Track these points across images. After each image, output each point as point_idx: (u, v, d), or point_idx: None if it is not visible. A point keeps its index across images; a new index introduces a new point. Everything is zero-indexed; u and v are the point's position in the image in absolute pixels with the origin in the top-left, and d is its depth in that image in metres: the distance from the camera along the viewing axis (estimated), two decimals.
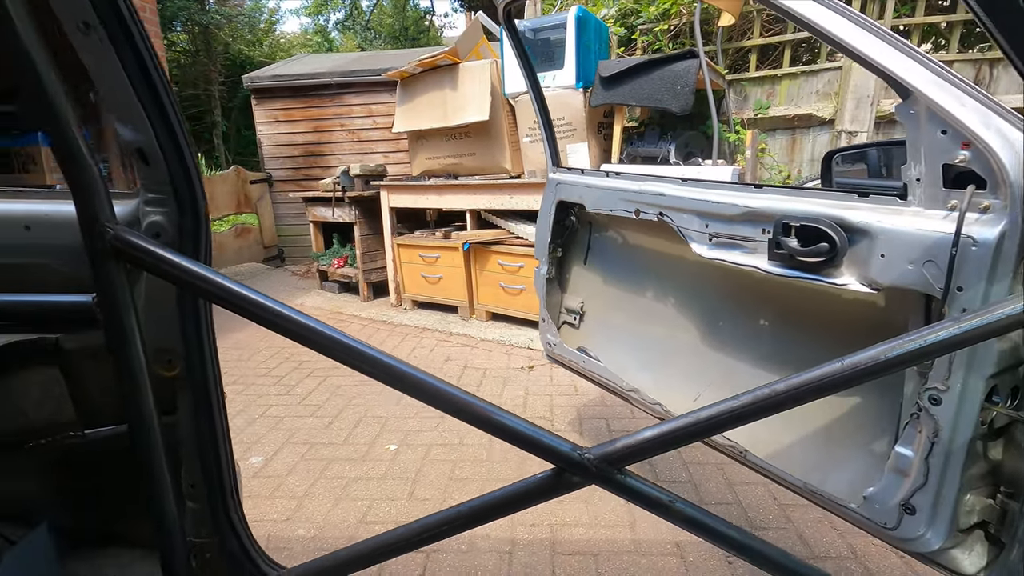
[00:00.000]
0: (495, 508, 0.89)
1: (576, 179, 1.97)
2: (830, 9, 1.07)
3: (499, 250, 4.05)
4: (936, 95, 0.98)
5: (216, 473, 0.99)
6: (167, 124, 0.81)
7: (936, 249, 1.01)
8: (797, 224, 1.22)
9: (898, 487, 1.11)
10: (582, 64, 3.51)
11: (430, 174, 4.54)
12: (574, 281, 2.26)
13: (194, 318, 0.92)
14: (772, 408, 0.81)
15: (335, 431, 2.64)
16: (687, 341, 1.77)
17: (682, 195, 1.54)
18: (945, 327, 0.75)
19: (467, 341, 3.96)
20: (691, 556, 1.75)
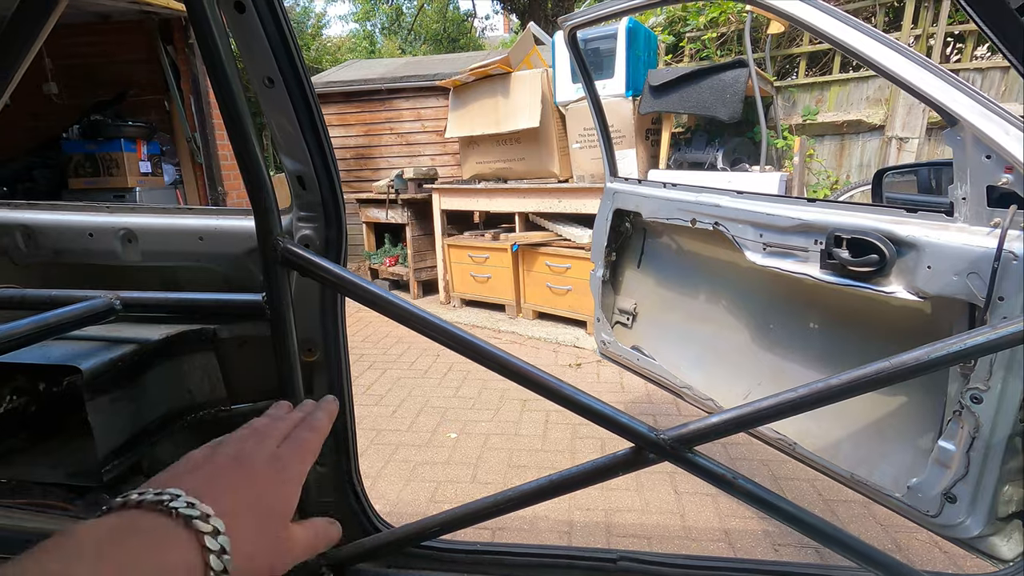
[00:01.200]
0: (584, 478, 1.04)
1: (633, 189, 2.11)
2: (886, 45, 1.19)
3: (547, 251, 4.21)
4: (981, 124, 1.09)
5: (343, 443, 1.18)
6: (323, 158, 1.00)
7: (980, 262, 1.11)
8: (848, 236, 1.33)
9: (940, 478, 1.22)
10: (632, 73, 3.63)
11: (480, 178, 4.73)
12: (627, 284, 2.40)
13: (332, 313, 1.11)
14: (826, 400, 0.94)
15: (399, 419, 2.85)
16: (738, 341, 1.89)
17: (737, 207, 1.66)
18: (984, 332, 0.87)
19: (514, 338, 4.14)
20: (739, 543, 1.87)
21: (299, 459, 0.46)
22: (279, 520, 0.42)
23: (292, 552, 0.43)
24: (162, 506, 0.35)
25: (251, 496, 0.40)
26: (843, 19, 1.26)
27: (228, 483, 0.40)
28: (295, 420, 0.51)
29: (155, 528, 0.34)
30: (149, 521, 0.35)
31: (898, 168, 1.62)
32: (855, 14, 3.72)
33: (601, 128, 2.17)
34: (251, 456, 0.44)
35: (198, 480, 0.40)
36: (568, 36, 2.05)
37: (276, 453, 0.45)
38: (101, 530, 0.34)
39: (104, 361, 0.99)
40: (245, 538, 0.38)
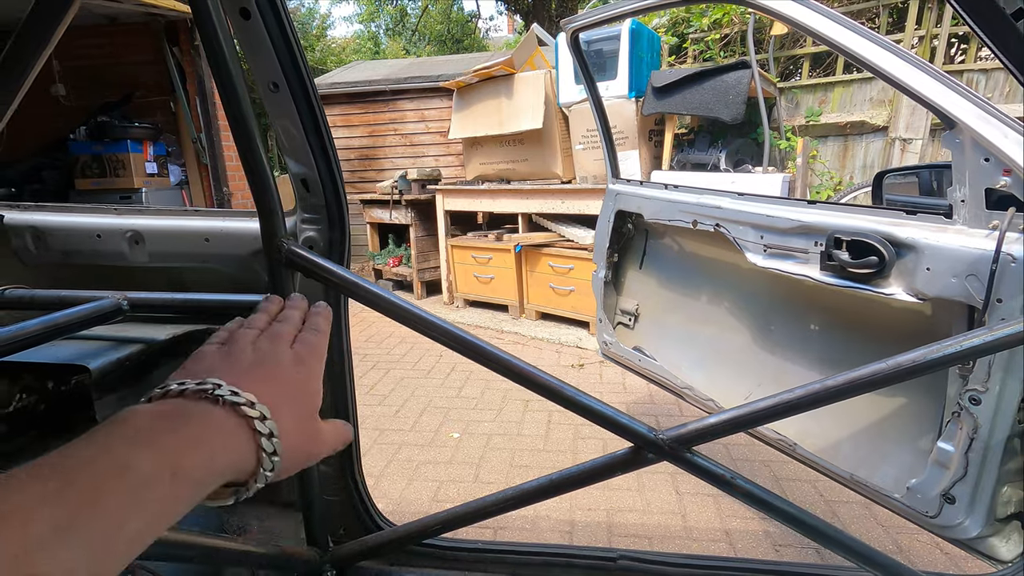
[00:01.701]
0: (584, 477, 1.05)
1: (635, 190, 2.12)
2: (883, 48, 1.19)
3: (550, 252, 4.22)
4: (980, 127, 1.10)
5: None
6: (327, 161, 1.02)
7: (978, 264, 1.12)
8: (848, 238, 1.34)
9: (939, 479, 1.22)
10: (635, 74, 3.64)
11: (484, 179, 4.75)
12: (629, 285, 2.41)
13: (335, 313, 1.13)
14: (823, 401, 0.95)
15: (402, 419, 2.87)
16: (739, 343, 1.90)
17: (738, 208, 1.67)
18: (980, 334, 0.88)
19: (517, 339, 4.15)
20: (740, 543, 1.88)
21: (317, 359, 0.48)
22: (310, 412, 0.44)
23: (325, 443, 0.46)
24: (207, 394, 0.36)
25: (284, 389, 0.42)
26: (841, 22, 1.27)
27: (259, 376, 0.41)
28: (296, 323, 0.52)
29: (205, 414, 0.36)
30: (198, 408, 0.36)
31: (898, 170, 1.63)
32: (859, 15, 3.72)
33: (603, 129, 2.18)
34: (274, 355, 0.45)
35: (230, 373, 0.40)
36: (570, 38, 2.07)
37: (296, 353, 0.46)
38: (152, 417, 0.34)
39: (112, 360, 1.01)
40: (286, 427, 0.39)
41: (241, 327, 0.50)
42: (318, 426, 0.45)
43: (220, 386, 0.37)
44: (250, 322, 0.51)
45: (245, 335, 0.47)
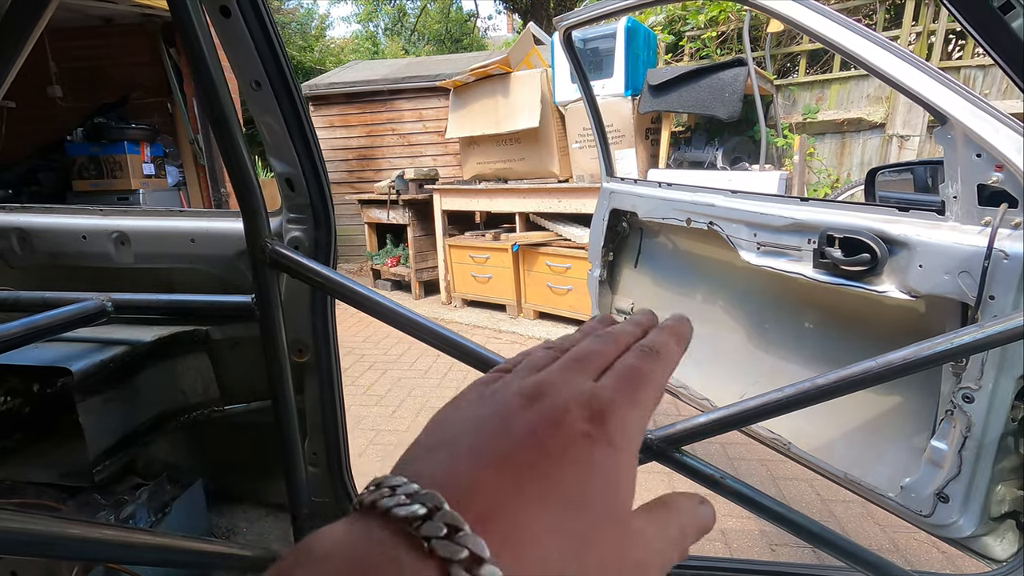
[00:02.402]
0: None
1: (629, 189, 2.11)
2: (876, 44, 1.18)
3: (547, 251, 4.21)
4: (972, 122, 1.09)
5: (335, 443, 1.19)
6: (311, 160, 1.01)
7: (971, 261, 1.11)
8: (841, 236, 1.33)
9: (933, 477, 1.21)
10: (631, 72, 3.63)
11: (481, 178, 4.73)
12: (624, 283, 2.40)
13: (322, 314, 1.12)
14: (814, 399, 0.94)
15: (398, 419, 2.86)
16: (734, 341, 1.89)
17: (732, 206, 1.66)
18: (971, 331, 0.87)
19: (515, 338, 4.14)
20: (736, 543, 1.87)
21: (635, 408, 0.26)
22: (612, 528, 0.22)
23: (652, 562, 0.23)
24: (412, 527, 0.19)
25: (561, 502, 0.21)
26: (834, 18, 1.26)
27: (518, 479, 0.21)
28: (625, 342, 0.31)
29: (389, 564, 0.19)
30: (385, 549, 0.19)
31: (891, 166, 1.62)
32: (855, 12, 3.71)
33: (597, 128, 2.17)
34: (559, 417, 0.23)
35: (474, 474, 0.21)
36: (564, 37, 2.06)
37: (595, 396, 0.25)
38: (334, 563, 0.19)
39: (95, 363, 1.00)
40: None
41: (530, 358, 0.30)
42: (628, 542, 0.23)
43: (436, 511, 0.19)
44: (556, 347, 0.31)
45: (527, 365, 0.29)
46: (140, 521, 1.07)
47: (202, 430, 1.27)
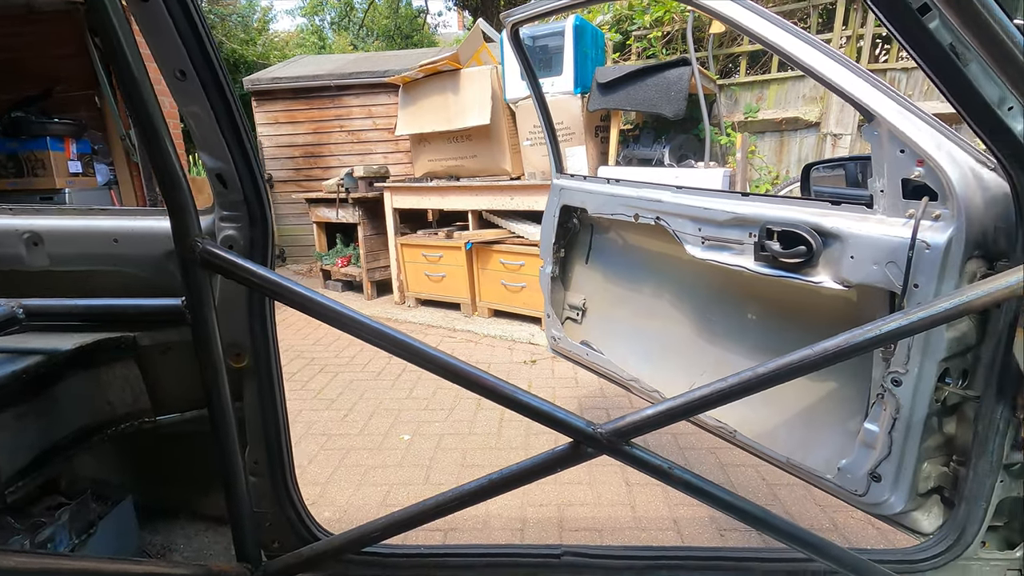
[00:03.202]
0: (524, 475, 1.04)
1: (579, 185, 2.12)
2: (810, 45, 1.23)
3: (501, 249, 4.20)
4: (896, 120, 1.14)
5: (277, 451, 1.14)
6: (244, 154, 0.96)
7: (897, 252, 1.16)
8: (779, 229, 1.38)
9: (866, 458, 1.27)
10: (580, 70, 3.66)
11: (432, 176, 4.68)
12: (576, 279, 2.41)
13: (260, 316, 1.07)
14: (754, 388, 0.97)
15: (351, 423, 2.79)
16: (682, 334, 1.93)
17: (677, 201, 1.69)
18: (896, 318, 0.92)
19: (470, 337, 4.11)
20: (687, 530, 1.92)
21: None
22: None
23: None
24: None
25: None
26: (771, 19, 1.29)
27: None
28: None
29: None
30: None
31: (824, 162, 1.69)
32: (791, 15, 3.87)
33: (546, 125, 2.17)
34: None
35: None
36: (511, 33, 2.05)
37: None
38: None
39: (5, 375, 0.92)
40: None
41: None
42: None
43: None
44: None
45: None
46: (60, 545, 0.99)
47: (132, 443, 1.19)
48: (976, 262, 1.10)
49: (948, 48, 0.84)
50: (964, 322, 1.14)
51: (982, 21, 0.75)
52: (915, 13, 0.82)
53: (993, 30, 0.76)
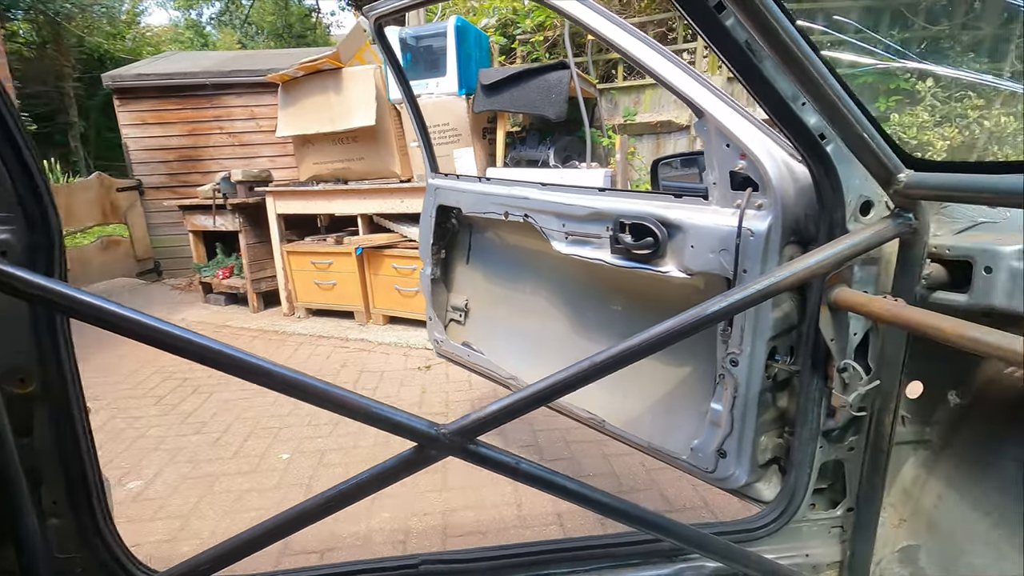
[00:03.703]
0: (367, 486, 0.98)
1: (452, 184, 2.10)
2: (648, 46, 1.28)
3: (393, 254, 4.09)
4: (721, 116, 1.22)
5: (81, 488, 0.99)
6: (9, 138, 0.83)
7: (728, 240, 1.24)
8: (630, 222, 1.42)
9: (714, 437, 1.34)
10: (464, 71, 3.65)
11: (319, 179, 4.46)
12: (458, 280, 2.38)
13: (50, 335, 0.93)
14: (592, 376, 0.98)
15: (223, 446, 2.57)
16: (558, 329, 1.96)
17: (543, 198, 1.71)
18: (716, 302, 0.96)
19: (364, 346, 3.96)
20: (570, 523, 1.94)
21: None
22: None
23: None
24: None
25: None
26: (614, 21, 1.33)
27: None
28: None
29: None
30: None
31: (672, 157, 1.79)
32: (660, 24, 4.10)
33: (418, 124, 2.13)
34: None
35: None
36: (375, 28, 1.98)
37: None
38: None
39: None
40: None
41: None
42: None
43: None
44: None
45: None
46: None
47: None
48: (793, 247, 1.19)
49: (744, 45, 0.89)
50: (787, 302, 1.24)
51: (767, 23, 0.81)
52: (712, 11, 0.86)
53: (776, 32, 0.81)
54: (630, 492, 2.11)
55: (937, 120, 3.44)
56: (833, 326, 1.09)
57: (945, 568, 1.17)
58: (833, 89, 0.85)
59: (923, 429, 1.20)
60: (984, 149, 3.38)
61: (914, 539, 1.23)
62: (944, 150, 3.40)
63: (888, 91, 3.65)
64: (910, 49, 3.69)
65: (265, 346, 4.02)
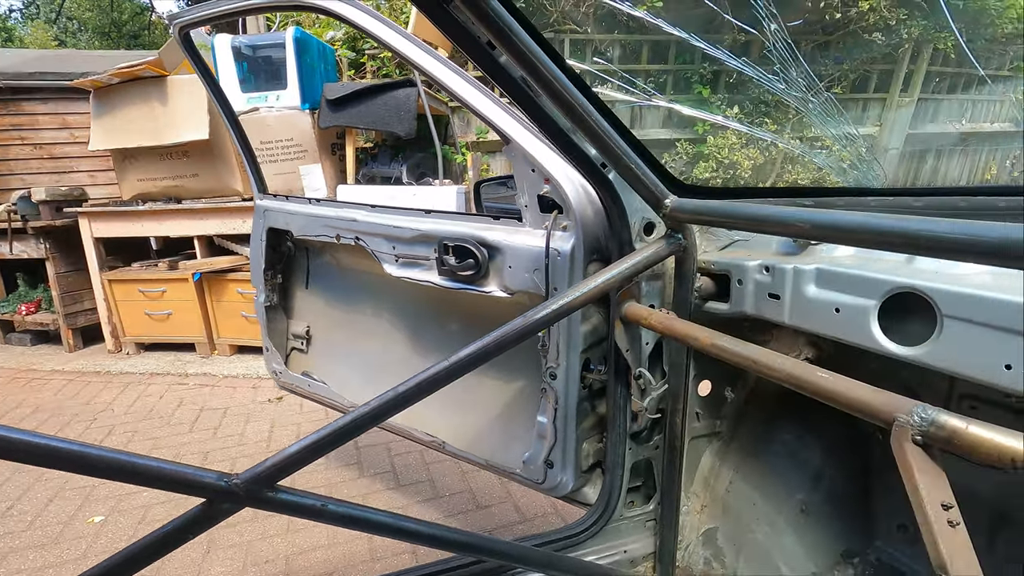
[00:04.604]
0: (146, 554, 0.87)
1: (280, 206, 1.98)
2: (458, 75, 1.30)
3: (237, 277, 3.78)
4: (525, 143, 1.28)
5: None
6: None
7: (539, 260, 1.30)
8: (452, 243, 1.44)
9: (542, 448, 1.39)
10: (307, 85, 3.50)
11: (145, 198, 4.00)
12: (298, 306, 2.26)
13: None
14: (401, 405, 0.97)
15: (15, 517, 2.17)
16: (399, 353, 1.92)
17: (372, 220, 1.68)
18: (520, 321, 1.00)
19: (206, 380, 3.60)
20: (422, 551, 1.91)
21: None
22: None
23: None
24: None
25: None
26: (424, 48, 1.35)
27: None
28: None
29: None
30: None
31: (491, 180, 1.86)
32: None
33: (238, 139, 1.98)
34: None
35: None
36: (180, 36, 1.82)
37: None
38: None
39: None
40: None
41: None
42: None
43: None
44: None
45: None
46: None
47: None
48: (596, 265, 1.27)
49: (520, 80, 0.94)
50: (596, 316, 1.33)
51: (531, 63, 0.85)
52: (485, 48, 0.89)
53: (540, 71, 0.86)
54: (485, 508, 2.13)
55: (744, 143, 3.96)
56: (627, 338, 1.18)
57: (736, 545, 1.32)
58: (599, 124, 0.93)
59: (714, 423, 1.35)
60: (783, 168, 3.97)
61: (713, 522, 1.37)
62: (749, 168, 3.93)
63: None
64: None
65: (82, 391, 3.49)
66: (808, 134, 4.12)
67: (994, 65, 5.92)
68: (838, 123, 4.84)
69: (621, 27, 3.90)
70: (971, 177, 6.22)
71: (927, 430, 0.59)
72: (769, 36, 4.19)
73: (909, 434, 0.59)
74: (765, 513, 1.30)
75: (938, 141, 5.83)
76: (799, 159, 3.86)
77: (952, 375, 0.75)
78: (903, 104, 5.07)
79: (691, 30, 3.87)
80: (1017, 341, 0.68)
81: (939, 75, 5.39)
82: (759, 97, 3.75)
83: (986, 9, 4.75)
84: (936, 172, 5.97)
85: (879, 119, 5.03)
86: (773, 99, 3.92)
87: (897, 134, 5.41)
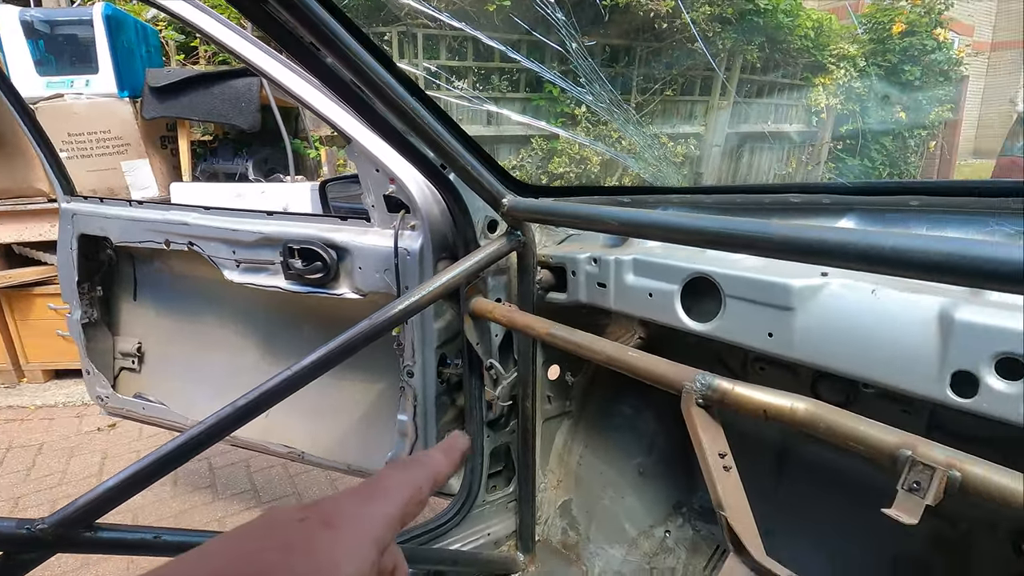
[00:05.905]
0: None
1: (94, 209, 1.75)
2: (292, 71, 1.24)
3: (47, 291, 3.24)
4: (367, 142, 1.26)
5: None
6: None
7: (389, 260, 1.30)
8: (298, 246, 1.39)
9: (404, 446, 1.40)
10: (125, 69, 3.09)
11: None
12: (126, 321, 2.02)
13: None
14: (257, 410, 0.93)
15: None
16: (249, 362, 1.81)
17: (207, 223, 1.55)
18: (365, 323, 1.00)
19: (14, 414, 3.06)
20: None
21: (363, 500, 0.32)
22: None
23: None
24: None
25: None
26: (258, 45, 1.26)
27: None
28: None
29: None
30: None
31: (338, 179, 1.82)
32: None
33: (31, 130, 1.71)
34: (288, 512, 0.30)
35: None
36: None
37: (325, 498, 0.32)
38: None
39: None
40: None
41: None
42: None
43: None
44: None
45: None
46: None
47: None
48: (445, 263, 1.30)
49: (351, 83, 0.93)
50: (448, 312, 1.36)
51: (357, 67, 0.84)
52: (309, 49, 0.87)
53: (367, 75, 0.86)
54: None
55: (593, 140, 4.26)
56: (476, 331, 1.24)
57: (588, 513, 1.45)
58: (432, 128, 0.95)
59: (564, 404, 1.46)
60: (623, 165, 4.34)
61: (568, 495, 1.49)
62: (598, 164, 4.24)
63: (557, 113, 4.35)
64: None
65: None
66: (647, 133, 4.55)
67: (791, 73, 6.98)
68: (673, 123, 5.40)
69: (472, 22, 3.98)
70: (775, 168, 7.30)
71: (706, 393, 0.70)
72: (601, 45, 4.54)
73: (693, 398, 0.71)
74: (611, 480, 1.44)
75: (751, 139, 6.77)
76: (639, 155, 4.26)
77: (734, 344, 0.89)
78: (722, 107, 5.81)
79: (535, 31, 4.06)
80: (776, 313, 0.83)
81: (749, 82, 6.25)
82: (600, 98, 4.07)
83: (781, 26, 5.58)
84: (750, 166, 6.93)
85: (703, 120, 5.71)
86: (612, 99, 4.28)
87: (719, 133, 6.18)
